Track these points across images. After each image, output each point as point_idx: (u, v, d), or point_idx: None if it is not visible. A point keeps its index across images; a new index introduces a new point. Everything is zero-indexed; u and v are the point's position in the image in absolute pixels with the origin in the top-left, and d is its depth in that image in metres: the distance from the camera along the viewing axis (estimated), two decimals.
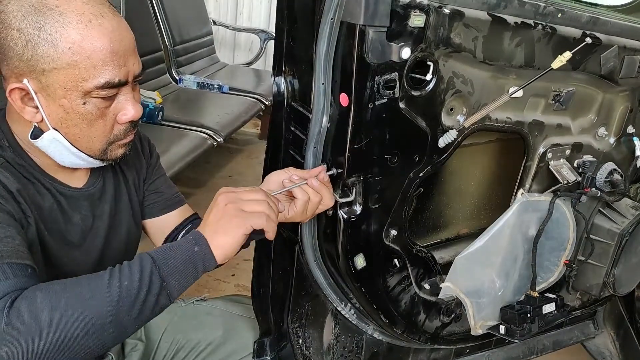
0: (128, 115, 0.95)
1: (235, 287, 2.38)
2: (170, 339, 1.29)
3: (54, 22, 0.86)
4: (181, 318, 1.33)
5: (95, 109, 0.91)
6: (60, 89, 0.89)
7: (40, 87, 0.89)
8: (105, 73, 0.89)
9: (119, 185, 1.14)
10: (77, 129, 0.93)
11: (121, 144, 0.99)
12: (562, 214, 1.28)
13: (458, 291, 1.23)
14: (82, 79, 0.88)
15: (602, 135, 1.30)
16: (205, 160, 3.58)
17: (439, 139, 1.06)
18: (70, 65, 0.87)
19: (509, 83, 1.09)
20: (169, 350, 1.29)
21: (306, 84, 1.02)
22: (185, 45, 3.68)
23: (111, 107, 0.94)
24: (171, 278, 0.84)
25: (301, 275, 1.18)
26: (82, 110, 0.91)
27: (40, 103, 0.90)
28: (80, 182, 1.06)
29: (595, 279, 1.40)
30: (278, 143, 1.11)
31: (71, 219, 1.04)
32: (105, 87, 0.90)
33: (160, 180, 1.24)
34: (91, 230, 1.07)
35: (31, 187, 0.97)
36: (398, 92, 0.96)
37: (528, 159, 1.24)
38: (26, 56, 0.87)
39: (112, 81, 0.90)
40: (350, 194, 1.01)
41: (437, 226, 1.38)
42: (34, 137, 0.94)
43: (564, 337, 1.71)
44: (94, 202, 1.08)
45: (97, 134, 0.95)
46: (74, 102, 0.90)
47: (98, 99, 0.91)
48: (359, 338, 1.31)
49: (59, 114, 0.91)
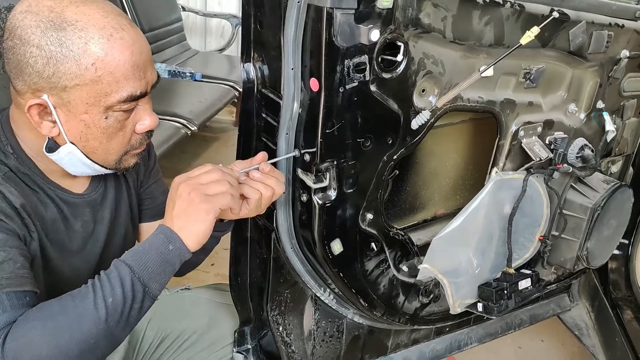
0: (146, 125, 0.95)
1: (215, 276, 2.36)
2: (156, 328, 1.30)
3: (76, 38, 0.84)
4: (166, 307, 1.34)
5: (116, 122, 0.91)
6: (82, 105, 0.87)
7: (61, 102, 0.87)
8: (127, 87, 0.88)
9: (120, 189, 1.13)
10: (96, 142, 0.92)
11: (135, 153, 0.99)
12: (535, 191, 1.30)
13: (436, 272, 1.24)
14: (105, 94, 0.87)
15: (573, 112, 1.31)
16: (181, 149, 3.53)
17: (412, 120, 1.05)
18: (94, 82, 0.85)
19: (479, 62, 1.08)
20: (155, 338, 1.30)
21: (275, 69, 1.01)
22: (154, 32, 3.60)
23: (130, 118, 0.93)
24: (152, 282, 0.85)
25: (278, 263, 1.17)
26: (104, 125, 0.90)
27: (59, 118, 0.88)
28: (82, 186, 1.04)
29: (569, 253, 1.42)
30: (250, 130, 1.10)
31: (73, 227, 1.03)
32: (127, 101, 0.89)
33: (157, 185, 1.23)
34: (92, 236, 1.07)
35: (34, 198, 0.95)
36: (369, 75, 0.95)
37: (501, 138, 1.24)
38: (47, 73, 0.84)
39: (134, 94, 0.89)
40: (324, 179, 1.00)
41: (414, 208, 1.38)
42: (49, 150, 0.92)
43: (540, 311, 1.75)
44: (96, 208, 1.07)
45: (115, 145, 0.94)
46: (96, 117, 0.89)
47: (119, 112, 0.90)
48: (339, 322, 1.32)
49: (79, 129, 0.90)
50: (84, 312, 0.81)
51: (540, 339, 2.22)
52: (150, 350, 1.29)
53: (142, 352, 1.29)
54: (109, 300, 0.81)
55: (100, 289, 0.82)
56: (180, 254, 0.87)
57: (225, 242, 1.22)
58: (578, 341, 1.82)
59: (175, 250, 0.86)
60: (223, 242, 1.23)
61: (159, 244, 0.86)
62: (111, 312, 0.81)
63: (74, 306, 0.81)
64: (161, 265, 0.86)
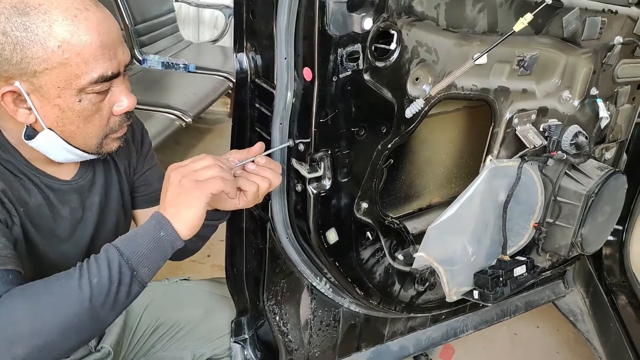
0: (123, 107, 0.94)
1: (211, 267, 2.37)
2: (152, 315, 1.32)
3: (40, 21, 0.83)
4: (164, 296, 1.35)
5: (90, 105, 0.90)
6: (53, 89, 0.87)
7: (33, 88, 0.87)
8: (98, 67, 0.87)
9: (110, 175, 1.12)
10: (73, 126, 0.91)
11: (116, 137, 0.98)
12: (529, 178, 1.30)
13: (432, 260, 1.24)
14: (75, 76, 0.86)
15: (567, 99, 1.32)
16: (176, 141, 3.52)
17: (406, 109, 1.05)
18: (62, 64, 0.85)
19: (473, 50, 1.08)
20: (150, 325, 1.31)
21: (269, 59, 1.00)
22: (147, 24, 3.57)
23: (105, 100, 0.92)
24: (141, 267, 0.85)
25: (274, 253, 1.17)
26: (78, 108, 0.89)
27: (33, 104, 0.88)
28: (69, 173, 1.04)
29: (563, 240, 1.43)
30: (244, 121, 1.09)
31: (60, 213, 1.03)
32: (99, 82, 0.88)
33: (152, 171, 1.22)
34: (80, 223, 1.07)
35: (17, 184, 0.95)
36: (362, 64, 0.95)
37: (495, 126, 1.24)
38: (15, 59, 0.84)
39: (105, 75, 0.89)
40: (319, 169, 1.00)
41: (409, 197, 1.38)
42: (28, 137, 0.92)
43: (535, 298, 1.76)
44: (84, 194, 1.07)
45: (93, 128, 0.93)
46: (69, 101, 0.88)
47: (93, 94, 0.89)
48: (335, 311, 1.32)
49: (55, 114, 0.89)
50: (68, 291, 0.81)
51: (535, 326, 2.24)
52: (144, 337, 1.30)
53: (137, 337, 1.30)
54: (94, 280, 0.81)
55: (86, 270, 0.82)
56: (172, 240, 0.87)
57: (221, 233, 1.23)
58: (573, 327, 1.83)
59: (166, 237, 0.86)
60: (219, 233, 1.23)
61: (150, 230, 0.86)
62: (96, 292, 0.81)
63: (59, 285, 0.82)
64: (152, 251, 0.86)
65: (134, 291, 0.86)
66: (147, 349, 1.30)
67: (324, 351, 1.36)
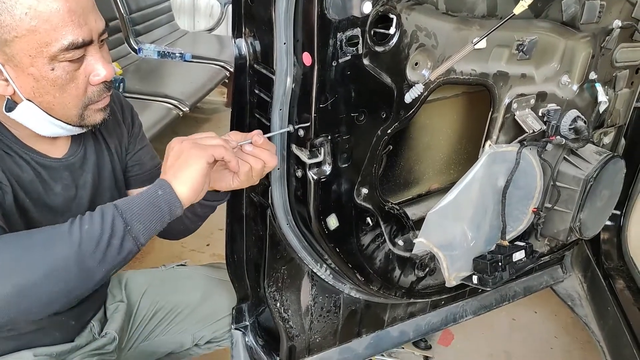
0: (100, 76, 0.94)
1: (210, 256, 2.37)
2: (150, 300, 1.33)
3: None
4: (161, 281, 1.36)
5: (64, 74, 0.90)
6: (25, 57, 0.87)
7: (6, 58, 0.87)
8: (67, 34, 0.87)
9: (102, 153, 1.13)
10: (49, 96, 0.91)
11: (97, 108, 0.97)
12: (529, 163, 1.30)
13: (431, 245, 1.25)
14: (45, 44, 0.86)
15: (565, 83, 1.31)
16: (173, 131, 3.49)
17: (405, 94, 1.05)
18: (30, 31, 0.85)
19: (472, 34, 1.08)
20: (149, 310, 1.32)
21: (267, 44, 0.99)
22: (142, 12, 3.54)
23: (81, 69, 0.92)
24: (135, 222, 0.83)
25: (274, 240, 1.17)
26: (52, 76, 0.89)
27: (9, 75, 0.88)
28: (60, 151, 1.05)
29: (562, 225, 1.43)
30: (243, 107, 1.09)
31: (53, 189, 1.03)
32: (70, 49, 0.88)
33: (143, 151, 1.22)
34: (74, 200, 1.07)
35: (8, 160, 0.96)
36: (361, 49, 0.94)
37: (494, 111, 1.24)
38: None
39: (76, 41, 0.88)
40: (319, 155, 1.00)
41: (408, 183, 1.38)
42: (8, 109, 0.92)
43: (534, 283, 1.77)
44: (76, 172, 1.07)
45: (70, 99, 0.93)
46: (42, 69, 0.88)
47: (65, 62, 0.89)
48: (336, 297, 1.33)
49: (30, 84, 0.89)
50: (58, 234, 0.80)
51: (533, 311, 2.25)
52: (144, 321, 1.31)
53: (137, 322, 1.31)
54: (85, 227, 0.80)
55: (79, 219, 0.82)
56: (169, 200, 0.85)
57: (221, 222, 1.23)
58: (571, 311, 1.85)
59: (164, 196, 0.85)
60: (218, 222, 1.24)
61: (148, 190, 0.86)
62: (85, 239, 0.80)
63: (51, 229, 0.82)
64: (147, 207, 0.84)
65: (127, 247, 0.83)
66: (147, 333, 1.31)
67: (325, 337, 1.37)
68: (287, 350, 1.32)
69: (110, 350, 1.21)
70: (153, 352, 1.34)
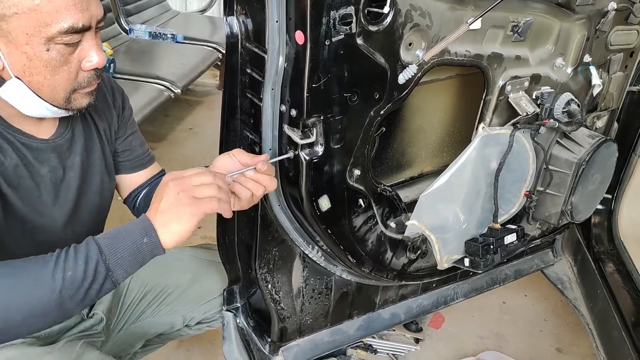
0: (93, 63, 0.93)
1: (201, 239, 2.36)
2: (140, 281, 1.32)
3: None
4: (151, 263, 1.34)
5: (58, 56, 0.89)
6: (22, 35, 0.85)
7: (1, 33, 0.85)
8: (69, 17, 0.86)
9: (91, 135, 1.12)
10: (40, 77, 0.90)
11: (85, 92, 0.96)
12: (522, 146, 1.30)
13: (423, 228, 1.25)
14: (45, 24, 0.85)
15: (560, 66, 1.31)
16: (164, 113, 3.48)
17: (399, 75, 1.04)
18: (32, 10, 0.83)
19: (467, 15, 1.06)
20: (138, 292, 1.32)
21: (260, 22, 0.98)
22: None
23: (75, 53, 0.91)
24: (118, 268, 0.86)
25: (266, 221, 1.17)
26: (46, 57, 0.88)
27: (1, 51, 0.87)
28: (47, 132, 1.03)
29: (554, 208, 1.44)
30: (235, 87, 1.08)
31: (39, 172, 1.02)
32: (68, 33, 0.87)
33: (133, 136, 1.22)
34: (62, 183, 1.06)
35: None
36: (355, 28, 0.93)
37: (488, 93, 1.23)
38: None
39: (76, 26, 0.87)
40: (311, 135, 0.99)
41: (401, 165, 1.38)
42: None
43: (524, 266, 1.78)
44: (63, 154, 1.06)
45: (60, 82, 0.92)
46: (37, 49, 0.87)
47: (61, 45, 0.88)
48: (328, 279, 1.33)
49: (22, 62, 0.88)
50: (40, 279, 0.81)
51: (523, 294, 2.27)
52: (133, 304, 1.30)
53: (126, 304, 1.30)
54: (68, 273, 0.82)
55: (63, 260, 0.83)
56: (154, 249, 0.87)
57: None
58: (560, 294, 1.86)
59: (149, 244, 0.86)
60: None
61: (135, 234, 0.86)
62: (67, 285, 0.82)
63: (34, 270, 0.82)
64: (131, 255, 0.86)
65: (105, 289, 0.86)
66: (137, 315, 1.31)
67: (316, 319, 1.37)
68: (279, 331, 1.33)
69: (98, 331, 1.20)
70: (144, 333, 1.34)
